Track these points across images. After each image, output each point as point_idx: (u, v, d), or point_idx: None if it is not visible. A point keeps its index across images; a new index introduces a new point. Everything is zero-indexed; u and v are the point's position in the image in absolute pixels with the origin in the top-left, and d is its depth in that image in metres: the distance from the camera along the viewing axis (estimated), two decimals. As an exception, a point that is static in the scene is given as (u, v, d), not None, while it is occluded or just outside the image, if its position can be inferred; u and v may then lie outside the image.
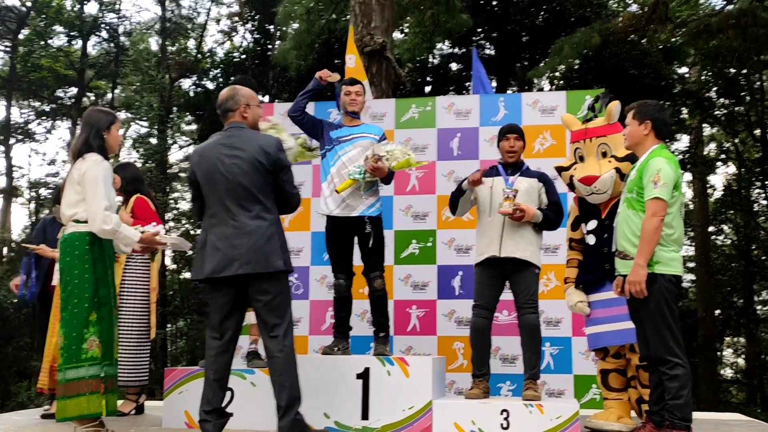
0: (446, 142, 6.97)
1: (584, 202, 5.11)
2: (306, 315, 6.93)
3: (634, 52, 13.65)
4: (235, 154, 4.15)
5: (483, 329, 5.00)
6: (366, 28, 9.41)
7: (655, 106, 4.40)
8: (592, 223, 5.03)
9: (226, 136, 4.26)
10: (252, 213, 4.11)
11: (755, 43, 12.65)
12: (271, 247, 4.10)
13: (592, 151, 5.07)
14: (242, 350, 6.67)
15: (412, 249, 6.87)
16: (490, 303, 5.03)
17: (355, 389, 4.85)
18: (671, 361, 4.07)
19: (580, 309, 5.05)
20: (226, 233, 4.10)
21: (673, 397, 4.07)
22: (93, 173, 4.30)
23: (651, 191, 4.09)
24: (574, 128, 5.21)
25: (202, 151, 4.27)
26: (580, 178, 5.01)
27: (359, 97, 5.47)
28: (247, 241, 4.06)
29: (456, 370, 6.49)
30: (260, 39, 16.68)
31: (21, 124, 20.55)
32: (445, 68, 16.61)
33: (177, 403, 5.05)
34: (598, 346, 5.03)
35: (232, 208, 4.12)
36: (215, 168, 4.16)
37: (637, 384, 5.02)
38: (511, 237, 4.96)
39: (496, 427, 4.65)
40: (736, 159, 18.42)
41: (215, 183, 4.16)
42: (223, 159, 4.15)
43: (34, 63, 17.25)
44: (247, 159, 4.13)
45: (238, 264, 4.06)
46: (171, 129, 18.35)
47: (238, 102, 4.32)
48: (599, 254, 4.95)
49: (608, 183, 4.91)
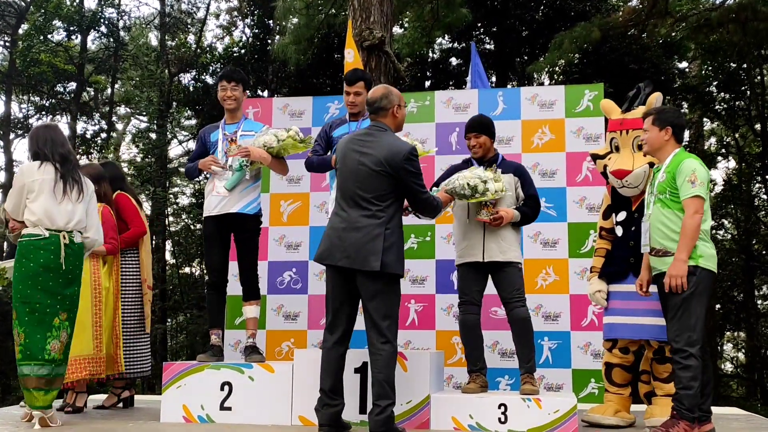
0: (445, 137, 6.97)
1: (617, 192, 5.11)
2: (304, 309, 6.94)
3: (634, 47, 13.62)
4: (365, 152, 4.28)
5: (473, 325, 4.99)
6: (365, 23, 9.38)
7: (674, 112, 4.51)
8: (622, 214, 5.05)
9: (367, 134, 4.40)
10: (366, 212, 4.22)
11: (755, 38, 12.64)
12: (373, 246, 4.17)
13: (627, 143, 5.04)
14: (240, 345, 6.69)
15: (411, 243, 6.87)
16: (477, 298, 5.02)
17: (353, 383, 4.85)
18: (687, 351, 4.14)
19: (598, 299, 5.06)
20: (337, 224, 4.28)
21: (684, 387, 4.15)
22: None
23: (689, 190, 4.22)
24: (612, 116, 5.19)
25: (344, 141, 4.45)
26: (612, 170, 5.00)
27: (358, 98, 5.35)
28: (354, 236, 4.19)
29: (454, 365, 6.50)
30: (259, 34, 16.65)
31: (21, 119, 20.52)
32: (444, 63, 16.56)
33: (175, 398, 5.06)
34: (611, 336, 5.05)
35: (350, 203, 4.27)
36: (345, 161, 4.34)
37: (650, 378, 5.03)
38: (493, 240, 4.94)
39: (494, 421, 4.66)
40: (737, 153, 18.38)
41: (342, 175, 4.33)
42: (354, 155, 4.30)
43: (33, 58, 17.19)
44: (374, 160, 4.24)
45: (340, 256, 4.21)
46: (170, 124, 18.31)
47: (391, 102, 4.42)
48: (625, 246, 4.98)
49: (641, 178, 4.90)
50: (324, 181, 7.03)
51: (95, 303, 5.53)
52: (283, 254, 7.06)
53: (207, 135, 5.55)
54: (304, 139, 5.57)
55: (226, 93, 5.48)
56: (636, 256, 4.87)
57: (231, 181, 5.25)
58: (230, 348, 6.76)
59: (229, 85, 5.48)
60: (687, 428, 4.10)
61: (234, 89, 5.48)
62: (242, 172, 5.25)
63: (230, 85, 5.48)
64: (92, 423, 4.96)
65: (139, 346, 5.91)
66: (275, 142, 5.32)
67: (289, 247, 7.07)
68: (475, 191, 4.80)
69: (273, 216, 7.10)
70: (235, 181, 5.25)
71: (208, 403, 5.01)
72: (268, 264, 6.96)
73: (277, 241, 7.08)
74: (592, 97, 6.81)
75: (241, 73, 5.57)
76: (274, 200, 7.12)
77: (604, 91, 6.86)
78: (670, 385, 4.92)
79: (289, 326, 6.95)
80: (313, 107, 7.35)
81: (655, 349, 4.93)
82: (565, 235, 6.63)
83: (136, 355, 5.87)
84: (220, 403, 4.99)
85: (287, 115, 7.25)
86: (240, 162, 5.22)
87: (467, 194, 4.82)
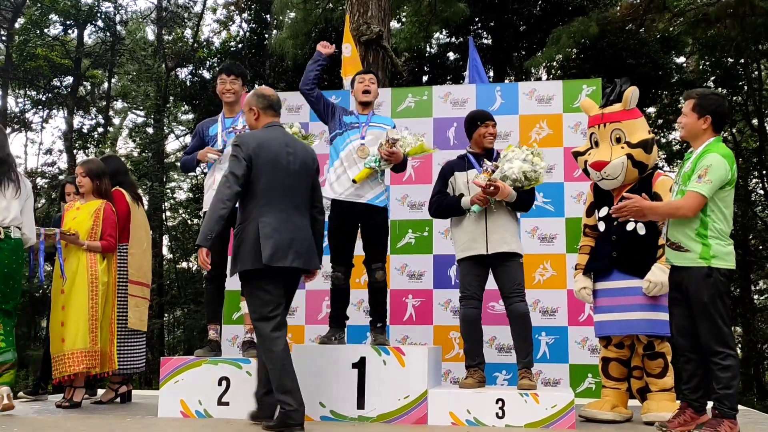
0: (443, 132, 6.96)
1: (599, 188, 5.12)
2: (302, 305, 6.93)
3: (632, 42, 13.62)
4: (290, 152, 4.40)
5: (474, 320, 4.99)
6: (362, 17, 9.38)
7: (716, 100, 4.36)
8: (604, 209, 5.05)
9: (283, 133, 4.50)
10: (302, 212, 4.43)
11: (753, 33, 12.65)
12: (313, 246, 4.44)
13: (605, 136, 5.05)
14: (238, 340, 6.69)
15: (409, 239, 6.87)
16: (479, 293, 5.01)
17: (350, 379, 4.85)
18: (723, 352, 4.14)
19: (584, 296, 5.09)
20: (279, 225, 4.28)
21: (724, 386, 4.13)
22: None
23: (694, 184, 4.16)
24: (592, 113, 5.20)
25: (261, 139, 4.39)
26: (591, 162, 5.02)
27: (373, 86, 5.43)
28: (301, 236, 4.32)
29: (452, 360, 6.50)
30: (257, 28, 16.62)
31: (17, 113, 20.48)
32: (442, 58, 16.56)
33: (173, 393, 5.05)
34: (602, 334, 5.07)
35: (289, 203, 4.36)
36: (277, 160, 4.34)
37: (642, 374, 5.04)
38: (495, 231, 4.93)
39: (492, 416, 4.66)
40: (734, 149, 18.40)
41: (276, 175, 4.33)
42: (284, 154, 4.36)
43: (30, 52, 17.15)
44: (301, 160, 4.42)
45: (294, 257, 4.27)
46: (167, 118, 18.29)
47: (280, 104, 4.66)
48: (608, 241, 4.99)
49: (618, 169, 4.91)
50: (323, 176, 7.02)
51: (92, 297, 5.53)
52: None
53: (205, 129, 5.55)
54: (307, 136, 5.58)
55: (225, 86, 5.50)
56: (619, 251, 4.89)
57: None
58: (228, 343, 6.76)
59: (228, 79, 5.50)
60: (731, 426, 4.12)
61: (233, 82, 5.51)
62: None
63: (229, 79, 5.50)
64: (89, 418, 4.96)
65: (130, 345, 5.90)
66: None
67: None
68: (527, 178, 4.87)
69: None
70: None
71: (206, 398, 5.01)
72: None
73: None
74: (589, 92, 6.80)
75: (240, 67, 5.60)
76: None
77: (601, 86, 6.85)
78: (663, 380, 4.94)
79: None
80: (311, 102, 7.33)
81: (645, 344, 4.94)
82: (562, 231, 6.63)
83: (128, 354, 5.87)
84: (217, 398, 4.99)
85: (285, 109, 7.22)
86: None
87: (524, 184, 4.88)
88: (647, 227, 4.87)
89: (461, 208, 5.01)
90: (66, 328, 5.50)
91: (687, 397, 4.39)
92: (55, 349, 5.52)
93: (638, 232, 4.88)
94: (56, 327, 5.54)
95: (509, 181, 4.85)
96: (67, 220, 5.82)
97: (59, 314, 5.54)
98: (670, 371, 4.95)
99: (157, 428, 4.52)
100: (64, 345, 5.48)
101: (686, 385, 4.39)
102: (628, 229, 4.89)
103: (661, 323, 4.79)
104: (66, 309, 5.53)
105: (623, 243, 4.90)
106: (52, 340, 5.57)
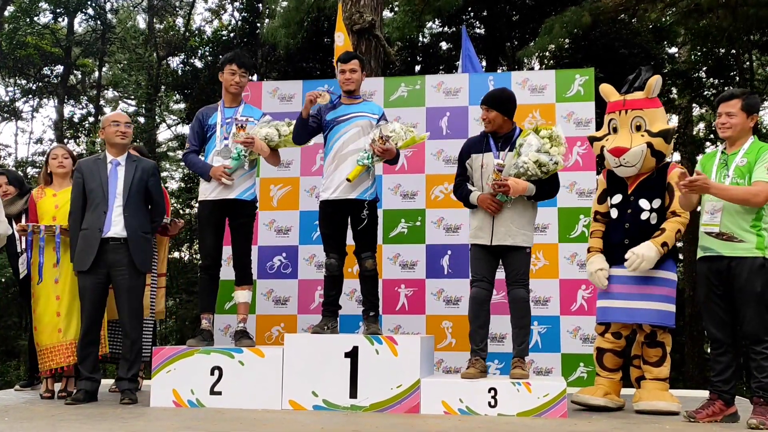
0: (435, 121, 6.95)
1: (613, 175, 5.11)
2: (294, 294, 6.93)
3: (625, 32, 13.59)
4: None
5: (483, 300, 4.97)
6: (355, 6, 9.34)
7: (757, 98, 4.53)
8: (617, 197, 5.05)
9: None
10: None
11: (745, 23, 12.64)
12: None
13: (626, 123, 5.05)
14: (230, 330, 6.69)
15: (401, 228, 6.87)
16: (489, 276, 4.99)
17: (343, 368, 4.86)
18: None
19: (598, 278, 5.00)
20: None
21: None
22: None
23: (763, 175, 4.25)
24: (612, 99, 5.19)
25: None
26: (609, 148, 5.00)
27: (354, 75, 5.32)
28: None
29: (444, 349, 6.52)
30: (249, 17, 16.50)
31: (7, 102, 20.35)
32: (434, 47, 16.50)
33: (165, 382, 5.05)
34: (604, 320, 5.06)
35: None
36: None
37: (641, 362, 5.05)
38: (502, 224, 4.91)
39: (484, 405, 4.68)
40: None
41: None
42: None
43: (19, 41, 17.01)
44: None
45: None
46: (159, 108, 18.20)
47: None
48: (620, 229, 4.98)
49: (638, 156, 4.90)
50: (314, 165, 7.01)
51: None
52: (273, 239, 7.04)
53: (205, 117, 5.49)
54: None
55: (234, 78, 5.45)
56: (630, 239, 4.89)
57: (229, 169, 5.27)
58: (220, 332, 6.75)
59: (239, 71, 5.46)
60: None
61: (243, 75, 5.48)
62: (240, 161, 5.25)
63: (240, 71, 5.46)
64: (82, 408, 4.94)
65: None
66: (277, 136, 5.36)
67: (279, 231, 7.05)
68: (543, 166, 4.80)
69: (263, 200, 7.07)
70: (231, 170, 5.26)
71: (198, 388, 5.01)
72: (258, 249, 6.93)
73: (267, 225, 7.06)
74: (582, 82, 6.80)
75: (251, 60, 5.55)
76: (264, 185, 7.09)
77: (594, 76, 6.85)
78: (658, 369, 4.95)
79: (279, 311, 6.94)
80: (303, 91, 7.29)
81: (647, 333, 4.95)
82: (555, 220, 6.64)
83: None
84: (210, 387, 4.99)
85: (277, 98, 7.20)
86: (239, 151, 5.22)
87: (539, 175, 4.83)
88: (659, 217, 4.89)
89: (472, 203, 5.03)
90: (62, 318, 5.47)
91: (718, 389, 4.43)
92: (50, 339, 5.46)
93: (651, 222, 4.89)
94: (51, 318, 5.48)
95: (524, 177, 4.81)
96: (46, 209, 5.65)
97: (53, 304, 5.49)
98: (667, 362, 4.97)
99: (148, 418, 4.52)
100: (61, 335, 5.45)
101: (719, 377, 4.43)
102: (642, 218, 4.90)
103: (668, 314, 4.82)
104: (61, 299, 5.49)
105: (636, 231, 4.90)
106: (44, 331, 5.49)
